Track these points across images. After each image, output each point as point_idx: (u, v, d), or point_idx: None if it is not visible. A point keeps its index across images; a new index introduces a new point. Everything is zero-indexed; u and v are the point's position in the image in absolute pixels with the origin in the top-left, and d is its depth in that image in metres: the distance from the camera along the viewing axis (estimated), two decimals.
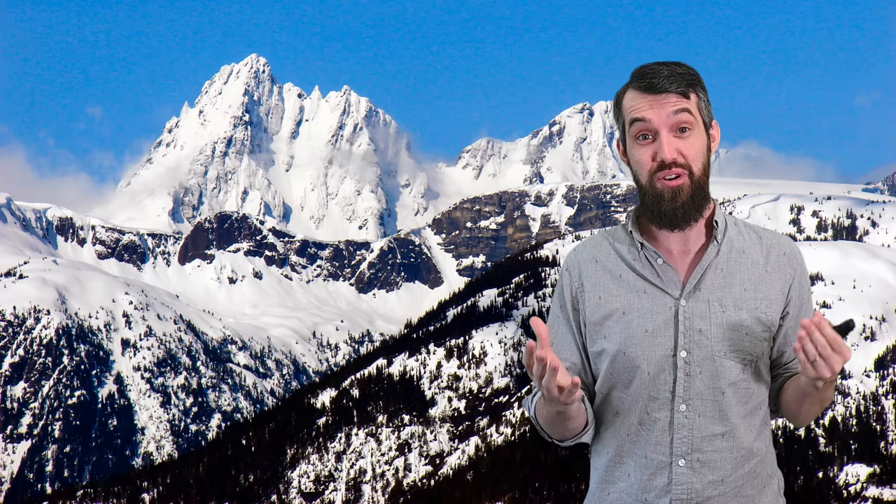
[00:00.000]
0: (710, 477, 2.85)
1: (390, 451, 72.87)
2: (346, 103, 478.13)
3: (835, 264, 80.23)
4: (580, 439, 2.97)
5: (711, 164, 2.90)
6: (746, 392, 2.88)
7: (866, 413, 63.47)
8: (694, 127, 2.84)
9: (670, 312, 2.88)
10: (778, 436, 58.22)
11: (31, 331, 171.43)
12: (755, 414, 2.92)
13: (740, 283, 2.91)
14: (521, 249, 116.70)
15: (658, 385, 2.86)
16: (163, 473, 77.52)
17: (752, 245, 2.98)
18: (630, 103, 2.87)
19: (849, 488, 56.37)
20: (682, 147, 2.82)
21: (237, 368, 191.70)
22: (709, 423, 2.85)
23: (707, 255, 2.91)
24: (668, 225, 2.88)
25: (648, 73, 2.84)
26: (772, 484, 2.97)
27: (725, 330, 2.85)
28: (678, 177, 2.82)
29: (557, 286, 3.07)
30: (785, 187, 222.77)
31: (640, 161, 2.86)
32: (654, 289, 2.91)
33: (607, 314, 2.93)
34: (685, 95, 2.82)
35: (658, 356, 2.86)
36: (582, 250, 3.05)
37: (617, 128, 3.01)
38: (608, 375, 2.93)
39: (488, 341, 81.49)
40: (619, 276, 2.95)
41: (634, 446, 2.90)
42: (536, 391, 2.93)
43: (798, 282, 2.97)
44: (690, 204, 2.85)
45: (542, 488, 58.97)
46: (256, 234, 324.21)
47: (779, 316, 2.92)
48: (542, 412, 2.86)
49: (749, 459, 2.89)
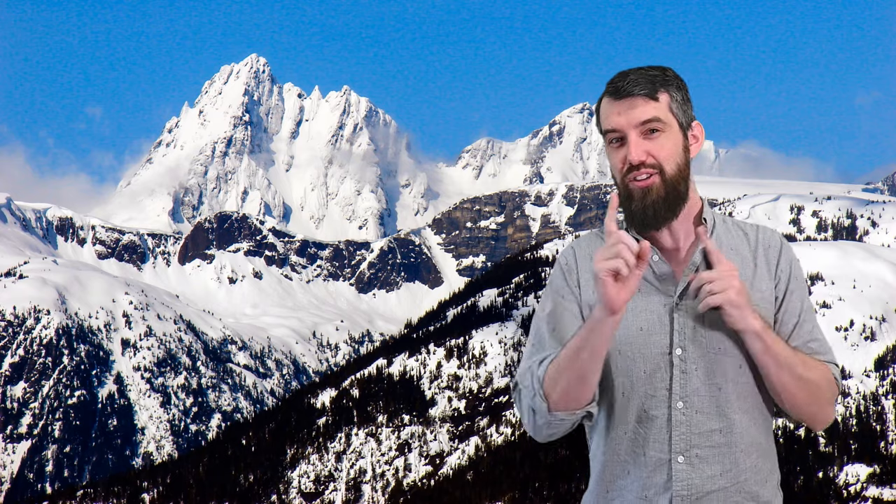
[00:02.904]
0: (710, 472, 2.85)
1: (390, 451, 72.88)
2: (346, 103, 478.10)
3: (835, 264, 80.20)
4: (585, 411, 2.89)
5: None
6: (745, 387, 2.88)
7: (866, 413, 63.47)
8: (664, 129, 2.84)
9: (665, 310, 2.89)
10: (778, 436, 58.21)
11: (31, 331, 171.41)
12: (754, 409, 2.91)
13: None
14: (521, 249, 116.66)
15: (655, 383, 2.86)
16: (163, 473, 77.49)
17: (741, 242, 2.99)
18: (603, 112, 2.91)
19: (849, 488, 56.37)
20: (652, 148, 2.83)
21: (237, 368, 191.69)
22: (706, 420, 2.86)
23: (698, 253, 2.92)
24: (639, 225, 2.88)
25: (616, 79, 2.87)
26: (772, 479, 2.97)
27: (720, 326, 2.86)
28: (648, 177, 2.83)
29: (552, 282, 3.04)
30: (785, 187, 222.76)
31: (614, 165, 2.90)
32: (648, 286, 2.91)
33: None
34: (651, 97, 2.83)
35: (654, 354, 2.86)
36: (577, 246, 3.04)
37: (602, 135, 3.04)
38: (603, 373, 2.91)
39: (488, 341, 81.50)
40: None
41: (633, 444, 2.89)
42: (546, 358, 2.87)
43: (783, 270, 2.97)
44: (662, 204, 2.84)
45: (542, 488, 58.96)
46: (256, 234, 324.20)
47: (773, 309, 2.93)
48: (564, 360, 2.79)
49: (749, 454, 2.89)
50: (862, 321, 72.19)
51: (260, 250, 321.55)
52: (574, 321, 2.94)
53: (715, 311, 2.84)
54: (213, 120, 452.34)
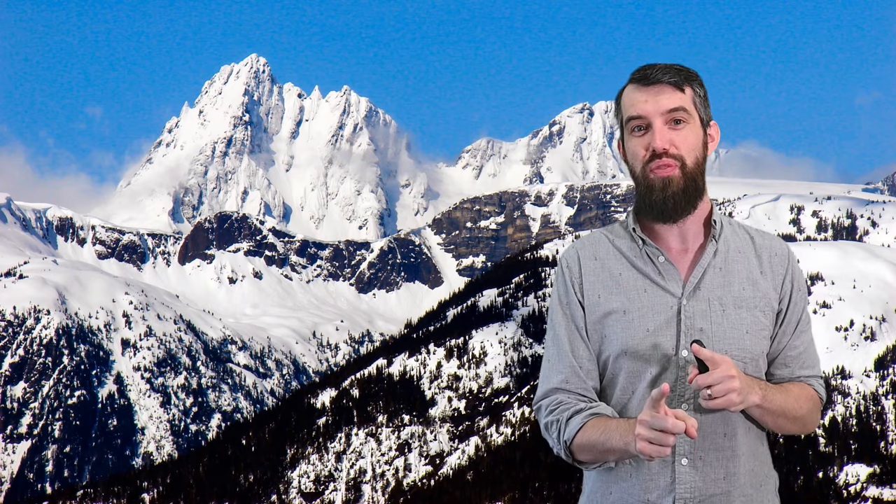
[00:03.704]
0: (713, 475, 2.86)
1: (390, 451, 72.86)
2: (346, 103, 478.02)
3: (835, 264, 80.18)
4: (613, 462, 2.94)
5: (711, 164, 3.03)
6: None
7: (866, 413, 63.46)
8: (688, 121, 2.87)
9: (672, 311, 2.89)
10: (778, 436, 58.19)
11: (31, 331, 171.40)
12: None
13: (739, 282, 2.93)
14: (521, 249, 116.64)
15: (660, 384, 2.82)
16: (163, 473, 77.47)
17: (747, 245, 3.01)
18: (628, 99, 2.92)
19: (849, 488, 56.35)
20: (675, 139, 2.85)
21: (237, 368, 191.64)
22: (711, 422, 2.86)
23: (706, 254, 2.94)
24: (659, 216, 2.90)
25: (643, 68, 2.91)
26: (769, 483, 2.99)
27: (726, 329, 2.87)
28: (670, 167, 2.85)
29: (556, 284, 3.05)
30: (785, 187, 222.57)
31: (635, 152, 2.90)
32: (654, 287, 2.92)
33: (606, 313, 2.92)
34: (679, 87, 2.87)
35: (660, 355, 2.87)
36: (581, 247, 3.04)
37: (617, 127, 3.05)
38: (610, 375, 2.94)
39: (488, 341, 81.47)
40: (619, 274, 2.94)
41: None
42: (573, 417, 2.88)
43: (789, 281, 3.00)
44: (682, 196, 2.86)
45: (542, 488, 58.95)
46: (256, 234, 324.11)
47: (773, 311, 2.95)
48: (600, 442, 2.81)
49: (751, 458, 2.91)
50: (862, 321, 72.19)
51: (260, 250, 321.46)
52: (574, 343, 2.96)
53: (724, 313, 2.88)
54: (213, 120, 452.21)
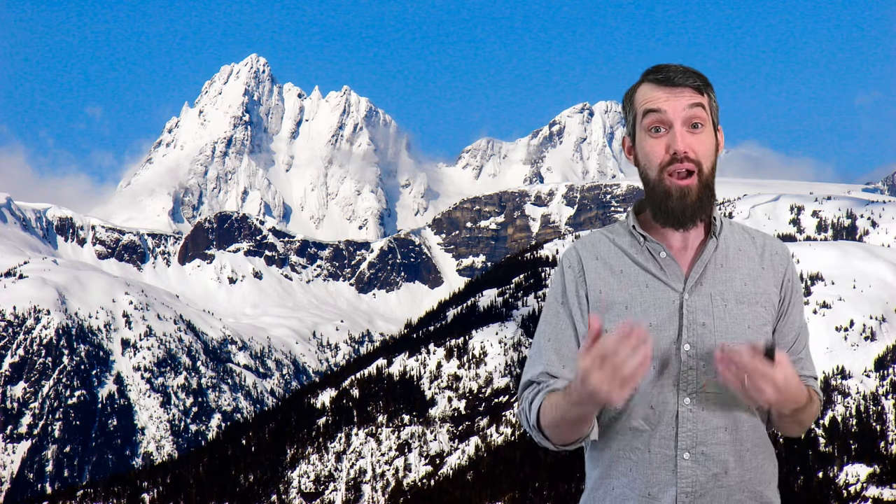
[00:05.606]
0: (715, 470, 2.84)
1: (390, 451, 72.87)
2: (346, 103, 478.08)
3: (835, 264, 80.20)
4: (582, 441, 2.90)
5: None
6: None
7: (866, 413, 63.48)
8: (706, 124, 2.84)
9: (674, 306, 2.87)
10: (778, 435, 58.12)
11: (31, 331, 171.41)
12: (760, 409, 2.92)
13: (740, 277, 2.93)
14: (521, 249, 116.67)
15: (662, 379, 2.84)
16: (163, 473, 77.48)
17: (747, 243, 3.01)
18: (644, 96, 2.86)
19: (849, 488, 56.37)
20: (694, 143, 2.81)
21: (237, 368, 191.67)
22: (713, 417, 2.84)
23: (707, 250, 2.93)
24: (673, 223, 2.87)
25: (664, 67, 2.85)
26: (774, 481, 2.99)
27: (728, 324, 2.86)
28: (689, 175, 2.82)
29: (554, 282, 3.04)
30: (785, 187, 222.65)
31: (651, 153, 2.84)
32: (656, 282, 2.90)
33: (609, 308, 2.91)
34: (700, 91, 2.83)
35: (662, 350, 2.85)
36: (581, 247, 3.02)
37: (626, 122, 2.99)
38: None
39: (488, 341, 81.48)
40: (620, 271, 2.94)
41: (638, 440, 2.87)
42: (539, 391, 2.88)
43: (789, 280, 3.00)
44: (698, 204, 2.84)
45: (542, 488, 58.95)
46: (256, 234, 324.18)
47: (772, 312, 2.95)
48: (558, 414, 2.77)
49: (754, 453, 2.91)
50: (862, 321, 72.21)
51: (260, 250, 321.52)
52: (566, 340, 2.94)
53: (725, 308, 2.88)
54: (213, 120, 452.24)
